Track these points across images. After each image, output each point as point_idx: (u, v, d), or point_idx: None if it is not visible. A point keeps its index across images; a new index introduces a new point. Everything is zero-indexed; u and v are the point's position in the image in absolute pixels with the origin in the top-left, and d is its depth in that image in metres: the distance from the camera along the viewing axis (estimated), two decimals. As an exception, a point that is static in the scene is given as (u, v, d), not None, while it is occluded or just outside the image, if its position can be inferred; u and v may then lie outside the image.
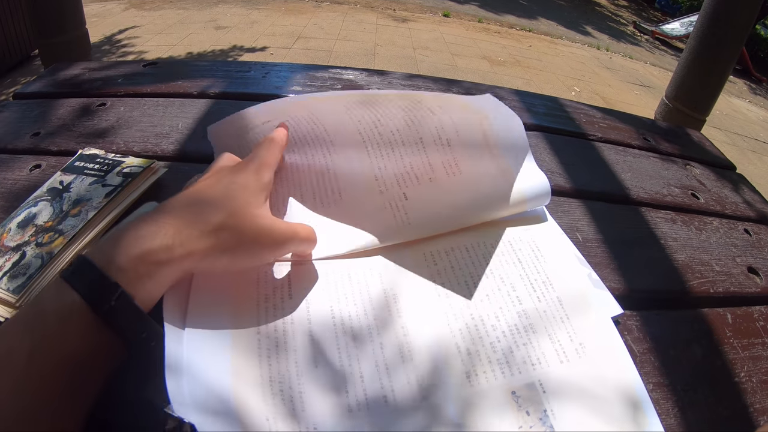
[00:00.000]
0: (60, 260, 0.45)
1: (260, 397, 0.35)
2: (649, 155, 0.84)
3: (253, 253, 0.40)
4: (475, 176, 0.54)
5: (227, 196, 0.39)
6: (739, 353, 0.50)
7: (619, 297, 0.49)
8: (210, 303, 0.40)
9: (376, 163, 0.54)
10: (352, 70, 0.94)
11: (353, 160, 0.55)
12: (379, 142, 0.55)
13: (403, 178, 0.53)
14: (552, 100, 0.98)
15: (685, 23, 7.68)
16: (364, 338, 0.41)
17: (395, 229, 0.50)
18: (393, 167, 0.54)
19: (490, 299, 0.46)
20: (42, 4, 2.41)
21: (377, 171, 0.54)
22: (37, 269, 0.44)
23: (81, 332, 0.31)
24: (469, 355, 0.41)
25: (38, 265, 0.44)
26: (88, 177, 0.54)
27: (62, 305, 0.31)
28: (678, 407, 0.44)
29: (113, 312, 0.31)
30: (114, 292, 0.31)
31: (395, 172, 0.54)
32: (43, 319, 0.31)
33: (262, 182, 0.42)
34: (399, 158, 0.55)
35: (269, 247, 0.41)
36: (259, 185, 0.42)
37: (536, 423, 0.38)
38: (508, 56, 5.37)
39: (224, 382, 0.35)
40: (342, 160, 0.55)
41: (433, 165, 0.54)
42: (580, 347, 0.43)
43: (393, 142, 0.55)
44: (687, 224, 0.67)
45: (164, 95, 0.79)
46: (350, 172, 0.54)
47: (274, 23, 5.16)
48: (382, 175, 0.54)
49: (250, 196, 0.40)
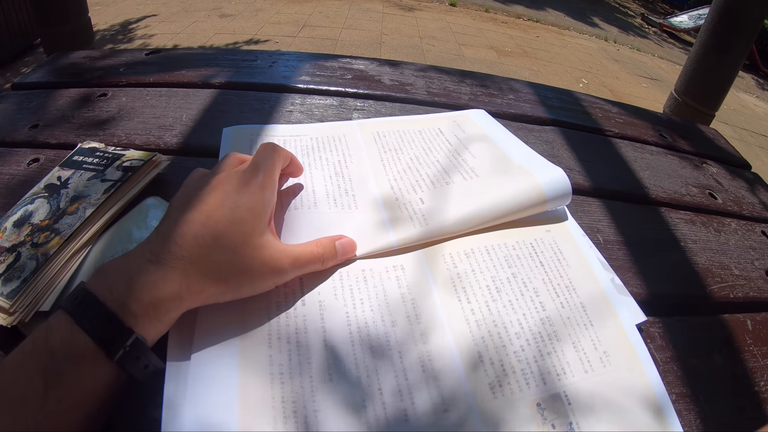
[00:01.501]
0: (55, 262, 0.43)
1: (271, 422, 0.34)
2: (666, 153, 0.82)
3: (258, 286, 0.40)
4: (493, 178, 0.53)
5: (231, 229, 0.38)
6: (759, 361, 0.49)
7: (641, 302, 0.48)
8: (218, 314, 0.39)
9: (391, 174, 0.55)
10: (363, 59, 0.92)
11: (367, 168, 0.56)
12: (396, 160, 0.58)
13: (419, 185, 0.54)
14: (566, 94, 0.96)
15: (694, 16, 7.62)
16: (382, 347, 0.39)
17: (412, 230, 0.48)
18: (410, 178, 0.55)
19: (513, 305, 0.43)
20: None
21: (393, 181, 0.54)
22: (31, 272, 0.42)
23: (94, 374, 0.32)
24: (492, 365, 0.39)
25: (33, 267, 0.42)
26: (87, 172, 0.52)
27: (75, 349, 0.31)
28: (700, 419, 0.43)
29: (126, 356, 0.32)
30: (128, 337, 0.32)
31: (411, 182, 0.54)
32: (55, 363, 0.31)
33: (267, 199, 0.41)
34: (416, 171, 0.56)
35: (274, 278, 0.40)
36: (263, 203, 0.40)
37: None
38: (515, 47, 5.33)
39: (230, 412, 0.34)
40: (356, 167, 0.56)
41: (449, 172, 0.55)
42: (605, 356, 0.41)
43: (410, 159, 0.58)
44: (706, 226, 0.66)
45: (167, 85, 0.77)
46: (365, 178, 0.55)
47: (278, 11, 5.13)
48: (398, 184, 0.54)
49: (255, 222, 0.39)
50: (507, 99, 0.86)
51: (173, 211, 0.39)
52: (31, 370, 0.30)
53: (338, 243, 0.44)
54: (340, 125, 0.64)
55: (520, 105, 0.85)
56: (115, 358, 0.32)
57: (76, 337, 0.31)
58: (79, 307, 0.32)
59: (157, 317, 0.34)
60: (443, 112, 0.72)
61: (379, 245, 0.47)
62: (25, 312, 0.40)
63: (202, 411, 0.33)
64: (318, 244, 0.43)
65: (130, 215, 0.49)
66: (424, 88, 0.85)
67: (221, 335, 0.38)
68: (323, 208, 0.50)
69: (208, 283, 0.36)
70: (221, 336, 0.38)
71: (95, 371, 0.32)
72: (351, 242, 0.45)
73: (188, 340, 0.37)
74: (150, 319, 0.33)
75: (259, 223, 0.39)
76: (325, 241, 0.44)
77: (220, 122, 0.65)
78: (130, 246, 0.45)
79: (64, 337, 0.31)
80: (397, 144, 0.61)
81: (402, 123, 0.67)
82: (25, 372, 0.31)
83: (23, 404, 0.29)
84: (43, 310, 0.41)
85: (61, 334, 0.32)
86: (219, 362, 0.36)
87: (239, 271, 0.37)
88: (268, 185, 0.41)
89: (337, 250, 0.44)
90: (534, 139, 0.75)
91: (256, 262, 0.38)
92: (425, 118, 0.69)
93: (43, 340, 0.32)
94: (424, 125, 0.66)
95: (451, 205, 0.50)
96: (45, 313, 0.41)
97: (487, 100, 0.84)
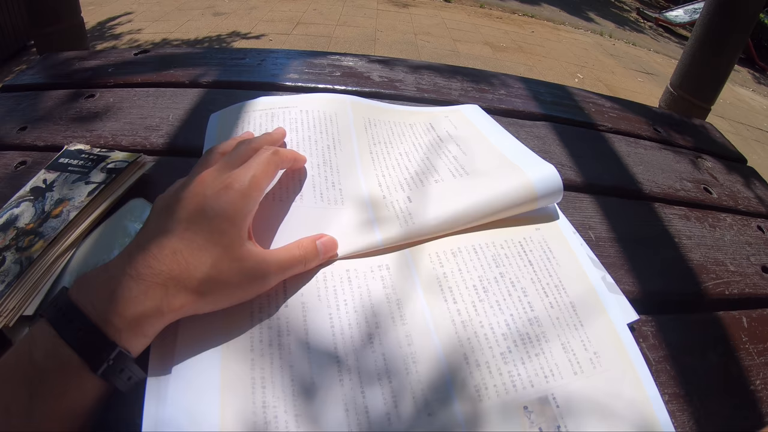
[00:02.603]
0: (39, 266, 0.43)
1: (251, 427, 0.33)
2: (660, 147, 0.81)
3: (241, 297, 0.39)
4: (483, 176, 0.52)
5: (210, 240, 0.37)
6: (755, 359, 0.49)
7: (633, 301, 0.47)
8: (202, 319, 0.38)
9: (380, 169, 0.54)
10: (352, 56, 0.91)
11: (356, 160, 0.54)
12: (385, 153, 0.57)
13: (407, 182, 0.52)
14: (559, 88, 0.95)
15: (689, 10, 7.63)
16: (366, 349, 0.39)
17: (398, 229, 0.47)
18: (398, 174, 0.54)
19: (501, 306, 0.43)
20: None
21: (380, 177, 0.53)
22: (15, 276, 0.41)
23: (78, 386, 0.32)
24: (478, 367, 0.38)
25: (17, 271, 0.42)
26: (72, 174, 0.51)
27: (58, 361, 0.31)
28: (694, 419, 0.42)
29: (110, 369, 0.32)
30: (111, 350, 0.32)
31: (399, 179, 0.53)
32: (39, 375, 0.31)
33: (249, 208, 0.40)
34: (404, 168, 0.55)
35: (257, 287, 0.40)
36: (244, 212, 0.39)
37: None
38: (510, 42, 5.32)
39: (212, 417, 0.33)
40: (345, 158, 0.55)
41: (438, 169, 0.54)
42: (595, 357, 0.40)
43: (399, 154, 0.57)
44: (701, 221, 0.65)
45: (155, 85, 0.76)
46: (352, 171, 0.53)
47: (272, 9, 5.11)
48: (386, 181, 0.53)
49: (235, 232, 0.38)
50: (498, 94, 0.85)
51: (153, 217, 0.38)
52: (16, 382, 0.30)
53: (319, 243, 0.43)
54: (331, 100, 0.62)
55: (512, 100, 0.84)
56: (99, 372, 0.31)
57: (59, 350, 0.31)
58: (62, 320, 0.32)
59: (140, 331, 0.33)
60: (435, 107, 0.71)
61: (364, 245, 0.46)
62: (9, 316, 0.39)
63: (184, 417, 0.33)
64: (299, 246, 0.42)
65: (115, 218, 0.49)
66: (413, 84, 0.84)
67: (204, 340, 0.37)
68: (309, 201, 0.49)
69: (189, 298, 0.35)
70: (204, 341, 0.37)
71: (79, 383, 0.31)
72: (332, 241, 0.45)
73: (171, 347, 0.37)
74: (133, 333, 0.33)
75: (238, 233, 0.38)
76: (306, 242, 0.43)
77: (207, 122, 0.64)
78: (114, 251, 0.45)
79: (47, 350, 0.31)
80: (387, 137, 0.60)
81: (394, 113, 0.66)
82: (10, 383, 0.31)
83: (8, 415, 0.29)
84: (27, 314, 0.40)
85: (45, 346, 0.31)
86: (201, 367, 0.36)
87: (221, 285, 0.37)
88: (253, 194, 0.40)
89: (319, 250, 0.43)
90: (525, 134, 0.74)
91: (237, 275, 0.37)
92: (418, 111, 0.68)
93: (27, 352, 0.31)
94: (415, 119, 0.65)
95: (439, 205, 0.49)
96: (29, 317, 0.40)
97: (477, 96, 0.83)
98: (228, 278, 0.37)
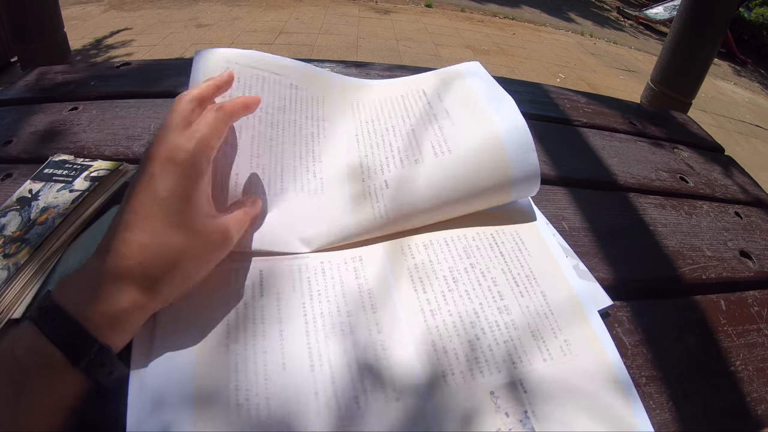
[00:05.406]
0: (26, 271, 0.44)
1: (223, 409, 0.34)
2: (635, 139, 0.83)
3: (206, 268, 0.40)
4: (463, 154, 0.51)
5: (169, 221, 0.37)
6: (734, 341, 0.50)
7: (608, 288, 0.49)
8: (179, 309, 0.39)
9: (363, 149, 0.54)
10: (330, 62, 0.92)
11: (340, 152, 0.54)
12: (371, 131, 0.56)
13: (387, 163, 0.52)
14: (536, 87, 0.96)
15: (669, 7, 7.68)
16: (336, 336, 0.40)
17: (373, 222, 0.48)
18: (380, 154, 0.53)
19: (470, 295, 0.44)
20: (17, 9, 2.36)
21: (364, 158, 0.53)
22: (3, 282, 0.42)
23: (62, 382, 0.32)
24: (446, 354, 0.40)
25: (4, 277, 0.43)
26: (56, 183, 0.52)
27: (41, 357, 0.32)
28: (673, 401, 0.43)
29: (92, 363, 0.33)
30: (92, 346, 0.32)
31: (380, 159, 0.52)
32: (23, 372, 0.31)
33: (198, 173, 0.39)
34: (388, 145, 0.54)
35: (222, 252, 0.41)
36: (195, 181, 0.39)
37: (516, 425, 0.36)
38: (492, 45, 5.35)
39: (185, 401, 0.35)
40: (329, 145, 0.54)
41: (421, 145, 0.53)
42: (565, 344, 0.41)
43: (385, 130, 0.56)
44: (676, 209, 0.66)
45: (137, 96, 0.77)
46: (336, 154, 0.54)
47: (255, 19, 5.11)
48: (368, 161, 0.52)
49: (190, 209, 0.38)
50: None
51: (118, 212, 0.38)
52: (1, 380, 0.31)
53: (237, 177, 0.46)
54: (323, 79, 0.60)
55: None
56: (81, 366, 0.32)
57: (42, 346, 0.32)
58: (44, 318, 0.32)
59: (120, 328, 0.34)
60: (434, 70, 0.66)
61: (337, 235, 0.47)
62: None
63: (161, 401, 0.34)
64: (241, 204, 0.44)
65: (98, 224, 0.50)
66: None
67: (181, 331, 0.38)
68: (290, 194, 0.49)
69: (164, 287, 0.36)
70: (181, 332, 0.38)
71: (62, 378, 0.32)
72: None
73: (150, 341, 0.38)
74: (113, 329, 0.34)
75: (195, 207, 0.38)
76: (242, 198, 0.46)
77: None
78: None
79: (30, 346, 0.32)
80: (375, 114, 0.58)
81: (387, 88, 0.63)
82: None
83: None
84: (15, 318, 0.41)
85: (28, 343, 0.32)
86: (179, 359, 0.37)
87: (190, 262, 0.38)
88: (201, 159, 0.39)
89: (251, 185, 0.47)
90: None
91: (203, 248, 0.39)
92: (412, 79, 0.64)
93: (11, 349, 0.32)
94: (409, 88, 0.62)
95: (415, 192, 0.49)
96: (17, 321, 0.41)
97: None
98: (196, 254, 0.38)
